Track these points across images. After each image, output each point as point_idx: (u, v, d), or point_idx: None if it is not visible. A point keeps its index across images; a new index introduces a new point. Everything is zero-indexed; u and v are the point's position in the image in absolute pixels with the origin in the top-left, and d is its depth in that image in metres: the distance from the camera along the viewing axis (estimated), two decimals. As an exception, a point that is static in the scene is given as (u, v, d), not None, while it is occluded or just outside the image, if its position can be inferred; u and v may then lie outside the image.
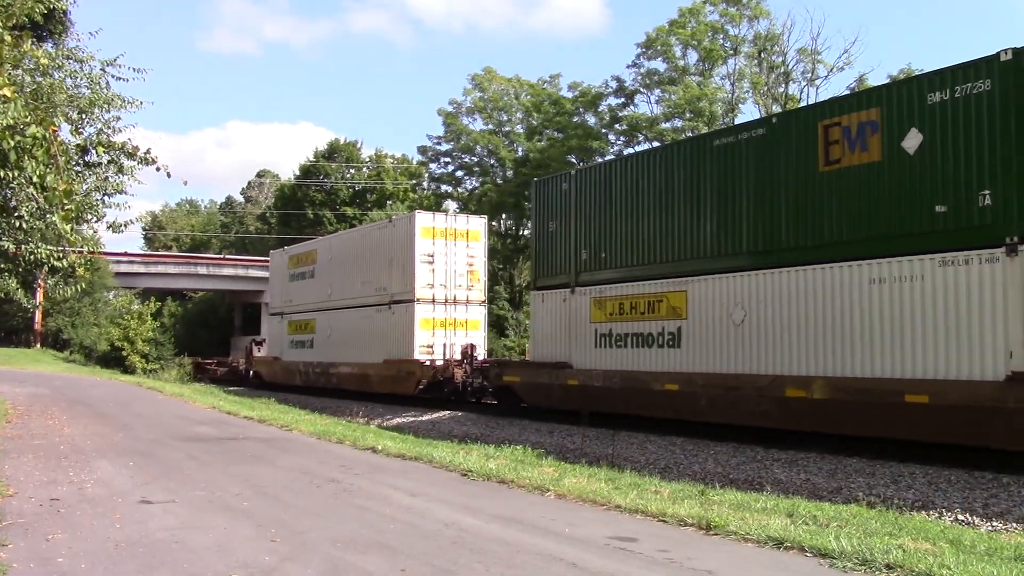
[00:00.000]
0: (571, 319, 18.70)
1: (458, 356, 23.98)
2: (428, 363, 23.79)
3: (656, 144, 42.44)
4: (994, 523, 9.77)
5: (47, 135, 8.04)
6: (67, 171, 10.95)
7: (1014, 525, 9.61)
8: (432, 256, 24.69)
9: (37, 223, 12.99)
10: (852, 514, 8.84)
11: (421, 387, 23.91)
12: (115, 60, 14.08)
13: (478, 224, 26.19)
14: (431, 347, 24.33)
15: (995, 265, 11.30)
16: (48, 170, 8.25)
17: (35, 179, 8.44)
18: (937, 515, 10.11)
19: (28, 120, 8.08)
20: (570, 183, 19.22)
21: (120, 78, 14.06)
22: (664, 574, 6.06)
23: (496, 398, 22.65)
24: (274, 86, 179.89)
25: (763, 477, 12.70)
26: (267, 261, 71.37)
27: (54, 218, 10.98)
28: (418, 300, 24.41)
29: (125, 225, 14.62)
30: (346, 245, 29.37)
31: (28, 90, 11.82)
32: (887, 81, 40.68)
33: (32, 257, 13.36)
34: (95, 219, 14.96)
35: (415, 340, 24.22)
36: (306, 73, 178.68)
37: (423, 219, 25.06)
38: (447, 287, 25.01)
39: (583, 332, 18.36)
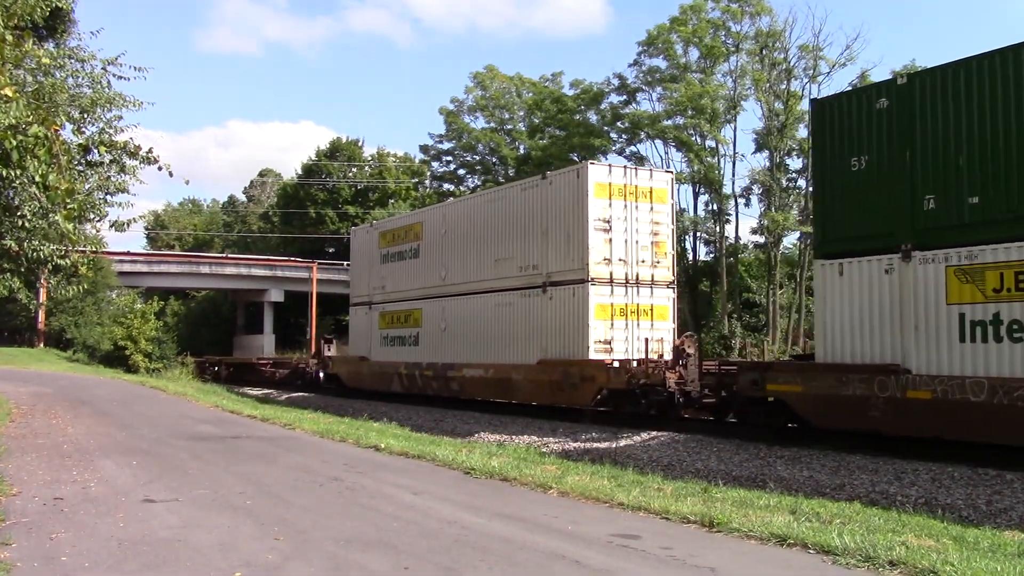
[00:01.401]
0: (903, 299, 12.90)
1: (640, 353, 18.49)
2: (615, 364, 17.89)
3: (659, 142, 42.44)
4: (998, 520, 9.77)
5: (49, 134, 8.04)
6: (69, 170, 10.96)
7: (1017, 522, 9.60)
8: (608, 222, 19.05)
9: (39, 222, 13.02)
10: (855, 511, 8.84)
11: (600, 396, 18.31)
12: (116, 59, 14.12)
13: (664, 180, 20.48)
14: (609, 343, 18.71)
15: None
16: (50, 169, 8.25)
17: (37, 178, 8.45)
18: (940, 512, 10.10)
19: (30, 119, 8.09)
20: (892, 97, 13.43)
21: (121, 77, 14.11)
22: (667, 571, 6.06)
23: (740, 415, 16.32)
24: (275, 85, 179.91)
25: (766, 474, 12.69)
26: (269, 260, 72.01)
27: (56, 217, 11.00)
28: (592, 280, 18.71)
29: (128, 224, 14.65)
30: (468, 214, 23.52)
31: (30, 90, 11.84)
32: (889, 78, 40.70)
33: (35, 256, 13.38)
34: (97, 218, 15.00)
35: (589, 333, 18.52)
36: (307, 72, 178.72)
37: (597, 172, 19.35)
38: (627, 263, 19.29)
39: (931, 318, 12.55)
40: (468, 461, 11.09)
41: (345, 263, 70.00)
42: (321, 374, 31.12)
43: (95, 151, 12.97)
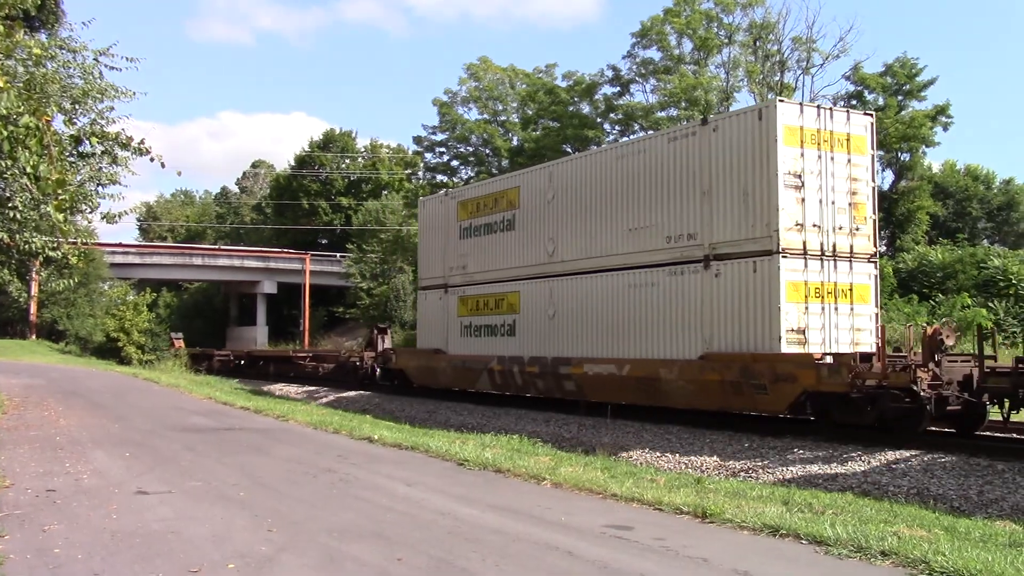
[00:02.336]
0: None
1: (840, 345, 14.85)
2: (826, 360, 13.66)
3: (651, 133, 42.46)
4: (989, 510, 9.81)
5: (40, 125, 7.99)
6: (60, 161, 10.91)
7: (1009, 512, 9.65)
8: (800, 177, 14.88)
9: (31, 213, 12.97)
10: (847, 501, 8.88)
11: (799, 401, 13.91)
12: (108, 50, 14.06)
13: (862, 126, 15.92)
14: (803, 331, 14.62)
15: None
16: (41, 160, 8.21)
17: (28, 169, 8.40)
18: (932, 502, 10.14)
19: (21, 110, 8.04)
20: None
21: (113, 67, 14.06)
22: (660, 562, 6.08)
23: None
24: (267, 76, 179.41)
25: (759, 465, 12.73)
26: (262, 252, 71.88)
27: (48, 208, 10.97)
28: (783, 252, 14.52)
29: (120, 215, 14.64)
30: (586, 175, 18.81)
31: (21, 81, 11.78)
32: (882, 69, 40.74)
33: (26, 247, 13.34)
34: (89, 209, 14.95)
35: (779, 320, 14.37)
36: (299, 63, 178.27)
37: (787, 113, 14.94)
38: (821, 230, 15.08)
39: None
40: (462, 452, 11.11)
41: (338, 255, 70.17)
42: (377, 369, 27.26)
43: (87, 142, 12.91)
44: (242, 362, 40.72)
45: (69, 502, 7.81)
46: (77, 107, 13.71)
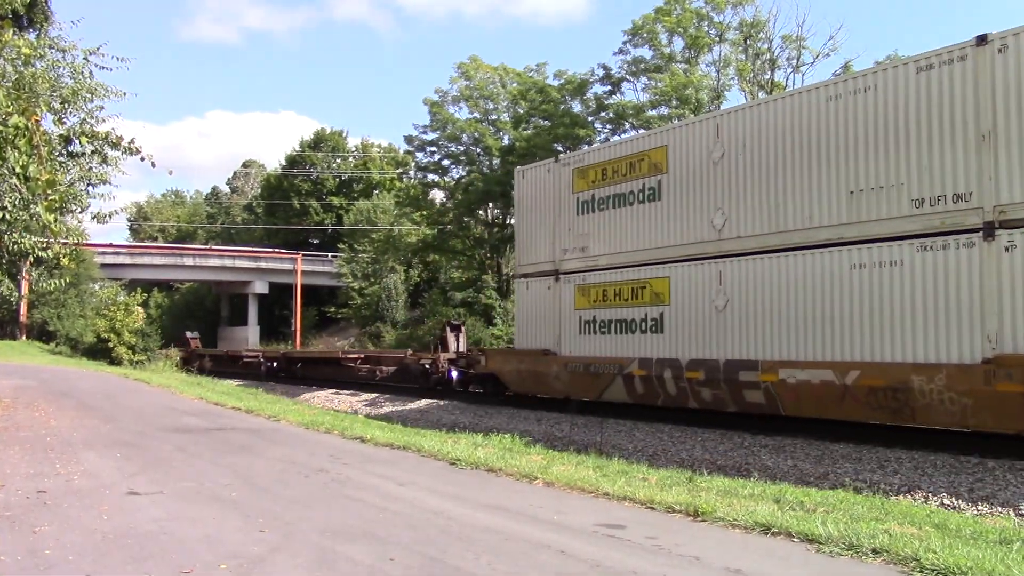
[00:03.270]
0: None
1: None
2: None
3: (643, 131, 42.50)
4: (979, 507, 9.86)
5: (29, 125, 7.98)
6: (50, 161, 10.88)
7: (999, 509, 9.70)
8: None
9: (20, 214, 12.91)
10: (839, 499, 8.90)
11: None
12: (98, 49, 14.01)
13: None
14: None
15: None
16: (31, 160, 8.18)
17: (18, 169, 8.38)
18: (923, 499, 10.19)
19: (10, 110, 8.02)
20: None
21: (103, 67, 14.01)
22: (652, 560, 6.09)
23: None
24: (256, 75, 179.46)
25: (750, 463, 12.76)
26: (253, 252, 71.79)
27: (38, 208, 10.93)
28: None
29: (110, 216, 14.60)
30: (781, 122, 14.83)
31: (11, 81, 11.74)
32: (872, 67, 40.79)
33: (16, 248, 13.29)
34: (79, 209, 14.90)
35: None
36: (288, 62, 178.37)
37: None
38: None
39: None
40: (453, 452, 11.10)
41: (330, 254, 70.26)
42: (454, 373, 23.34)
43: (76, 142, 12.88)
44: (274, 364, 34.94)
45: (60, 503, 7.78)
46: (67, 107, 13.66)
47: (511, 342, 48.20)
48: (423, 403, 22.76)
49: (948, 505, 10.05)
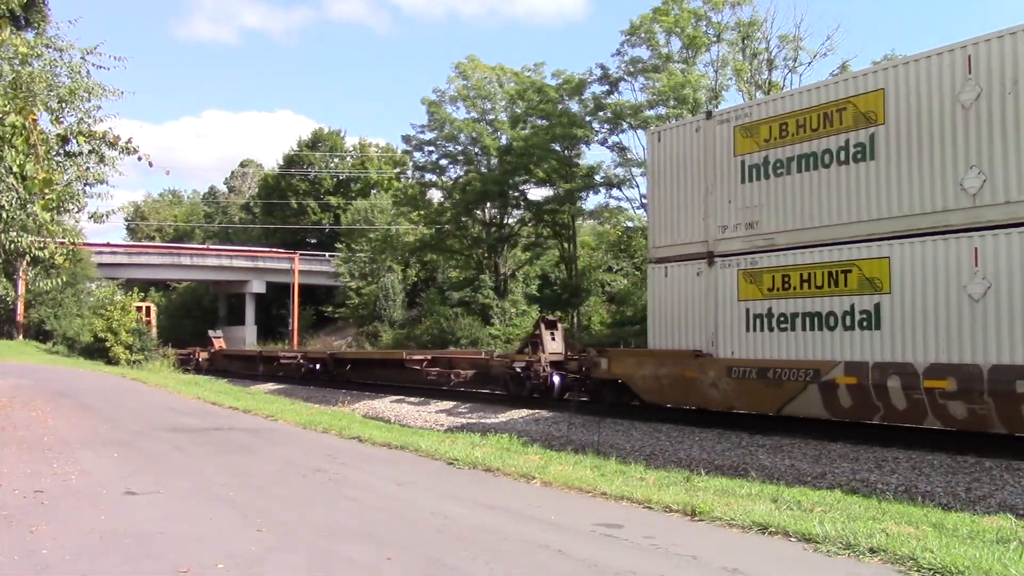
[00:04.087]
0: None
1: None
2: None
3: (641, 132, 42.47)
4: (977, 507, 9.86)
5: (27, 124, 7.96)
6: (47, 160, 10.86)
7: (996, 508, 9.70)
8: None
9: (18, 213, 12.90)
10: (836, 499, 8.91)
11: None
12: (95, 48, 13.99)
13: None
14: None
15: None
16: (28, 159, 8.17)
17: (15, 168, 8.37)
18: (920, 499, 10.19)
19: (7, 109, 8.01)
20: None
21: (101, 67, 13.99)
22: (649, 560, 6.09)
23: None
24: (252, 75, 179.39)
25: (748, 463, 12.77)
26: (250, 251, 71.74)
27: (35, 208, 10.92)
28: None
29: (107, 215, 14.57)
30: None
31: (8, 79, 11.73)
32: (869, 66, 40.79)
33: (12, 247, 13.27)
34: (76, 209, 14.88)
35: None
36: (285, 61, 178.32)
37: None
38: None
39: None
40: (451, 451, 11.10)
41: (327, 254, 70.25)
42: (556, 378, 19.58)
43: (74, 141, 12.86)
44: (316, 366, 29.99)
45: (57, 503, 7.77)
46: (63, 106, 13.64)
47: (508, 342, 48.19)
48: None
49: (945, 505, 10.06)
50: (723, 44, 41.27)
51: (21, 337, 50.74)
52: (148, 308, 57.84)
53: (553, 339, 20.57)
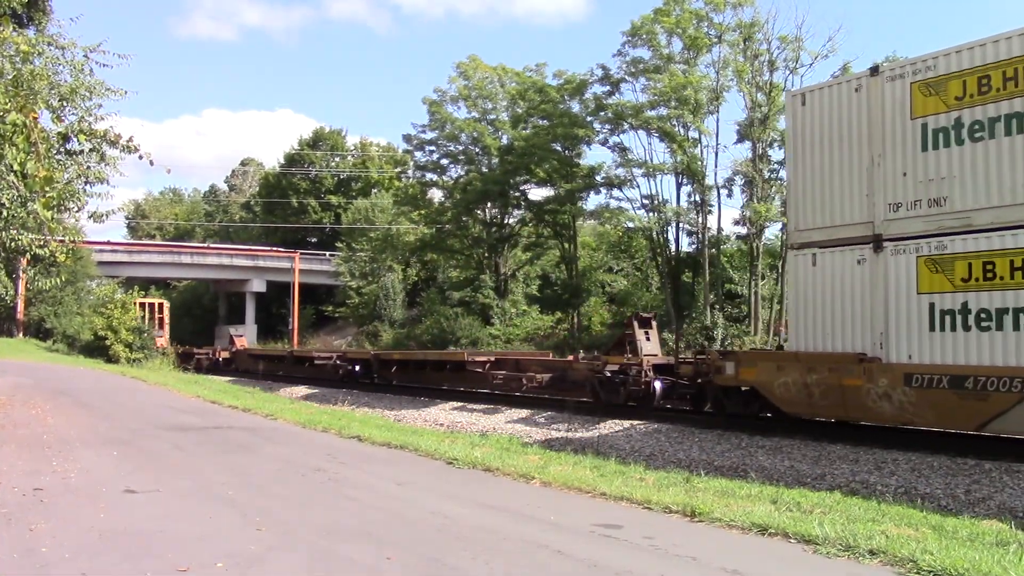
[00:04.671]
0: None
1: None
2: None
3: (642, 132, 42.51)
4: (976, 509, 9.85)
5: (27, 122, 7.95)
6: (48, 159, 10.85)
7: (996, 511, 9.70)
8: None
9: (18, 211, 12.89)
10: (836, 500, 8.90)
11: None
12: (99, 46, 13.96)
13: None
14: None
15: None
16: (28, 157, 8.16)
17: (15, 166, 8.36)
18: (920, 501, 10.18)
19: (8, 107, 8.00)
20: None
21: (104, 64, 13.96)
22: (649, 560, 6.08)
23: None
24: (252, 73, 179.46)
25: (747, 464, 12.76)
26: (251, 250, 71.71)
27: (35, 206, 10.91)
28: None
29: (106, 215, 14.54)
30: None
31: (9, 77, 11.72)
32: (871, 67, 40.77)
33: (13, 245, 13.26)
34: (77, 208, 14.86)
35: None
36: (284, 60, 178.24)
37: None
38: None
39: None
40: (451, 451, 11.09)
41: (328, 253, 70.30)
42: (658, 384, 16.87)
43: (74, 139, 12.84)
44: (356, 367, 27.10)
45: (56, 501, 7.77)
46: (64, 104, 13.62)
47: (509, 341, 48.21)
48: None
49: (945, 507, 10.05)
50: (724, 45, 41.29)
51: (21, 335, 50.77)
52: (161, 305, 57.61)
53: (648, 339, 18.29)
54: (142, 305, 55.61)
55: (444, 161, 53.61)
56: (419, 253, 59.15)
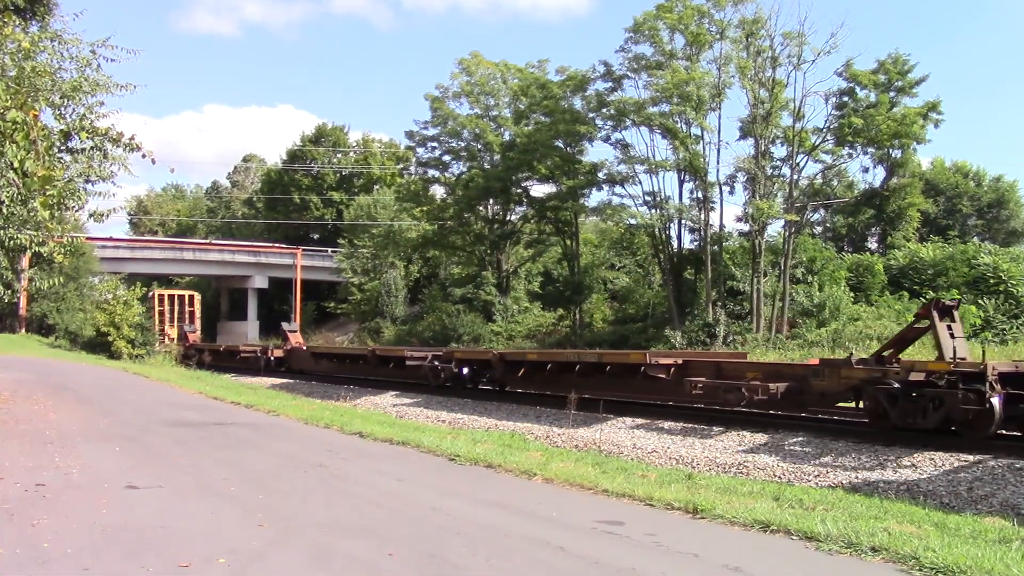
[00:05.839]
0: None
1: None
2: None
3: (644, 129, 42.44)
4: (979, 506, 9.84)
5: (28, 120, 7.95)
6: (50, 157, 10.84)
7: (998, 508, 9.68)
8: None
9: (18, 208, 12.87)
10: (838, 498, 8.89)
11: None
12: (107, 40, 13.89)
13: None
14: None
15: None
16: (28, 156, 8.15)
17: (15, 164, 8.35)
18: (922, 498, 10.17)
19: (8, 104, 8.00)
20: None
21: (112, 60, 13.90)
22: (651, 557, 6.08)
23: None
24: (253, 69, 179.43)
25: (749, 461, 12.74)
26: (253, 246, 71.79)
27: (35, 203, 10.90)
28: None
29: (107, 214, 14.46)
30: None
31: (11, 74, 11.69)
32: (874, 66, 40.75)
33: (11, 244, 13.24)
34: (77, 207, 14.81)
35: None
36: (286, 55, 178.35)
37: None
38: None
39: None
40: (453, 448, 11.09)
41: (330, 250, 70.33)
42: (996, 401, 11.51)
43: (76, 137, 12.81)
44: (464, 370, 21.80)
45: (59, 496, 7.77)
46: (66, 101, 13.57)
47: (511, 338, 48.19)
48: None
49: (947, 504, 10.04)
50: (727, 41, 41.15)
51: (24, 331, 50.82)
52: (192, 297, 57.23)
53: (953, 335, 13.04)
54: (171, 298, 55.37)
55: (446, 157, 53.55)
56: (421, 250, 59.14)
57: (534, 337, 48.54)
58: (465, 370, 21.92)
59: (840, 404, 14.50)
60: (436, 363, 22.53)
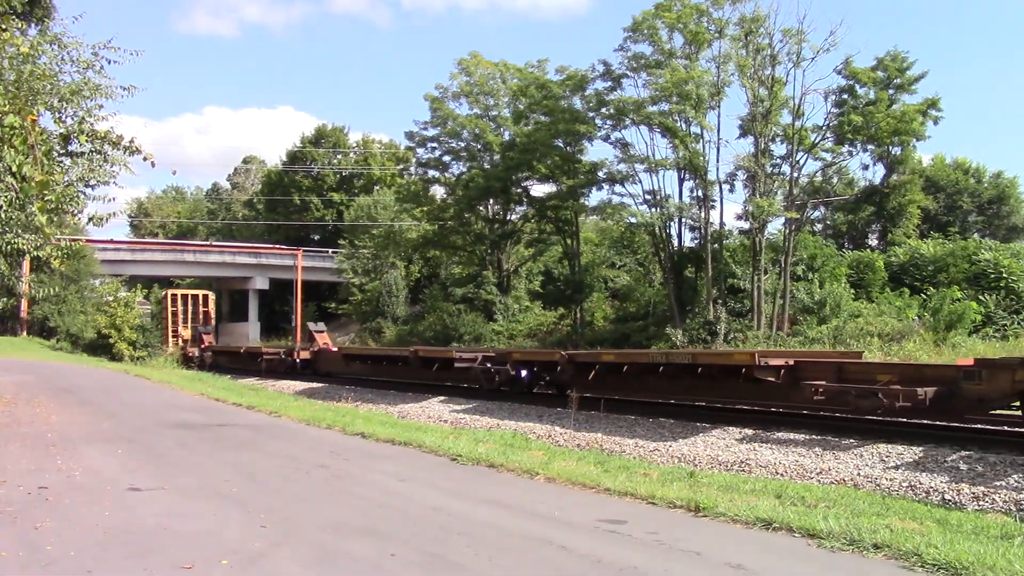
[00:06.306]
0: None
1: None
2: None
3: (644, 128, 42.42)
4: (981, 503, 9.84)
5: (25, 124, 7.94)
6: (49, 161, 10.83)
7: (1001, 504, 9.68)
8: None
9: (16, 213, 12.87)
10: (840, 495, 8.89)
11: None
12: (109, 42, 13.90)
13: None
14: None
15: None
16: (26, 160, 8.15)
17: (13, 169, 8.35)
18: (924, 495, 10.17)
19: (6, 109, 7.99)
20: None
21: (114, 61, 13.91)
22: (653, 555, 6.08)
23: None
24: (253, 70, 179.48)
25: (751, 459, 12.74)
26: (253, 248, 71.83)
27: (33, 208, 10.90)
28: None
29: (107, 218, 14.46)
30: None
31: (9, 78, 11.70)
32: (873, 63, 40.71)
33: (8, 249, 13.24)
34: (76, 211, 14.81)
35: None
36: (285, 56, 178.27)
37: None
38: None
39: None
40: (455, 448, 11.10)
41: (330, 251, 70.39)
42: None
43: (75, 141, 12.81)
44: (522, 372, 19.75)
45: (61, 499, 7.78)
46: (65, 105, 13.57)
47: (512, 338, 48.19)
48: None
49: (949, 500, 10.04)
50: (726, 40, 41.12)
51: (25, 333, 50.86)
52: (206, 297, 56.58)
53: None
54: (184, 298, 54.85)
55: (446, 158, 53.55)
56: (421, 250, 59.14)
57: (535, 336, 48.56)
58: (524, 372, 20.05)
59: (993, 412, 13.00)
60: (488, 365, 20.73)
